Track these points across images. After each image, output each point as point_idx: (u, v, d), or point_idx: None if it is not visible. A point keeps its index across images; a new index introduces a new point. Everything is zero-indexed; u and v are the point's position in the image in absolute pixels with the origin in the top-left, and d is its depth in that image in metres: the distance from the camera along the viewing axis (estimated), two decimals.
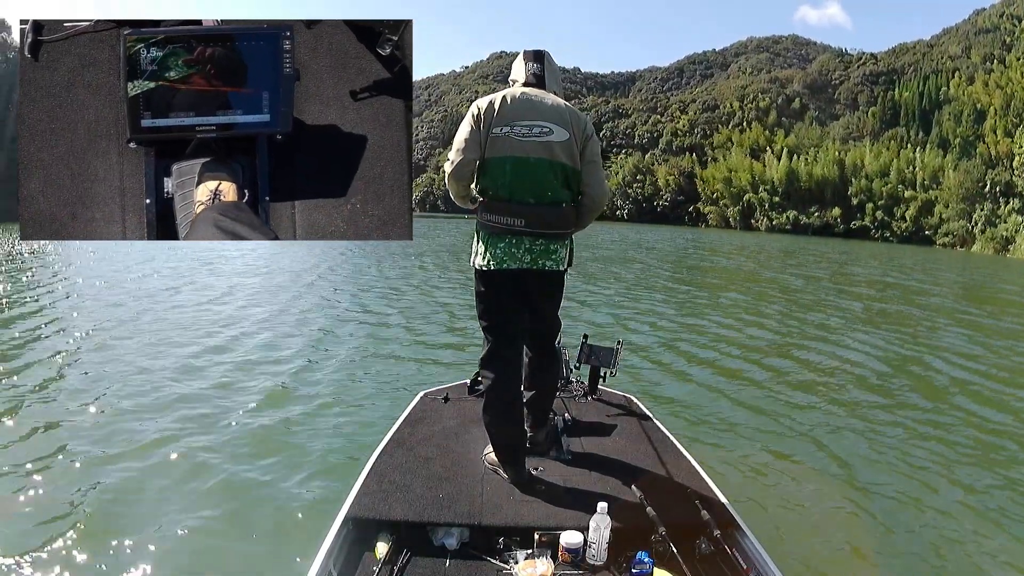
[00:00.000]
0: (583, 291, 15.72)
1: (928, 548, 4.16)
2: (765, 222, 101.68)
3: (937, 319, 14.25)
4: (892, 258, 42.01)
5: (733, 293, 17.79)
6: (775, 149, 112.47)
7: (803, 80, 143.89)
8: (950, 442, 6.07)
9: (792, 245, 53.49)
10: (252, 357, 7.96)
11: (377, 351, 8.67)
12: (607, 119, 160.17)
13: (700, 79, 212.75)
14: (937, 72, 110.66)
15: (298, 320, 10.75)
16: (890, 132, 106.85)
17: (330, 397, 6.51)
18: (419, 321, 11.15)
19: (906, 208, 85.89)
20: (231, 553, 3.69)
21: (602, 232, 55.87)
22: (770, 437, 5.99)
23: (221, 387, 6.65)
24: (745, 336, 11.11)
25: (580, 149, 3.20)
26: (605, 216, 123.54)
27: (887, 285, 22.71)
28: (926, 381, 8.56)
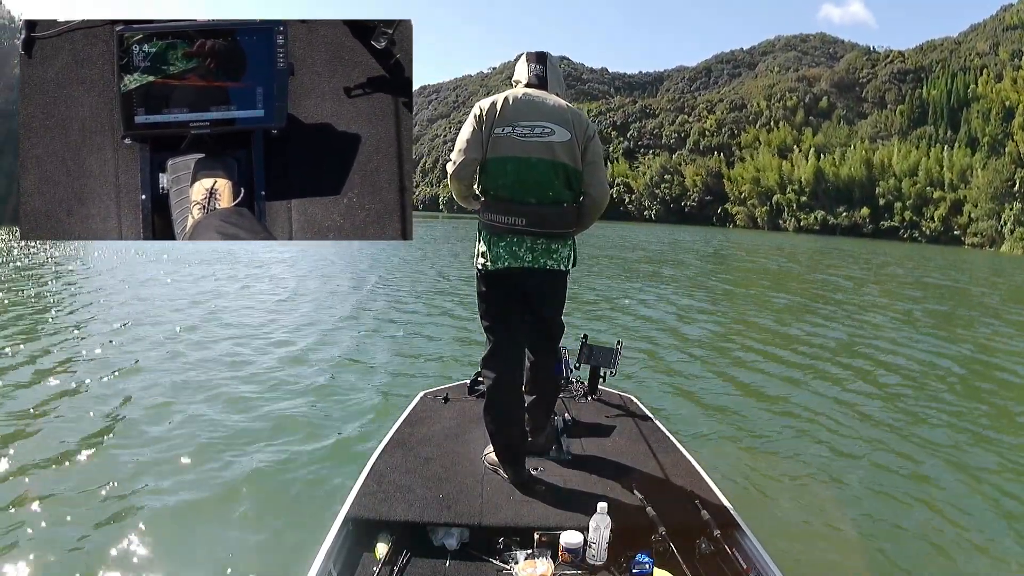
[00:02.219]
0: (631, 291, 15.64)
1: (928, 548, 4.13)
2: (793, 222, 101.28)
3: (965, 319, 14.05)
4: (928, 258, 41.74)
5: (782, 295, 17.68)
6: (803, 148, 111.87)
7: (830, 79, 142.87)
8: (951, 442, 6.01)
9: (827, 245, 53.30)
10: (250, 358, 7.97)
11: (377, 351, 8.67)
12: (634, 119, 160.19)
13: (728, 78, 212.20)
14: (965, 69, 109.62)
15: (298, 320, 10.76)
16: (918, 131, 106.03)
17: (330, 397, 6.51)
18: (419, 321, 11.16)
19: (935, 208, 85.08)
20: (231, 553, 3.68)
21: (635, 233, 55.79)
22: (770, 437, 5.95)
23: (220, 388, 6.65)
24: (757, 336, 11.02)
25: (582, 150, 3.19)
26: (632, 216, 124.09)
27: (938, 286, 22.43)
28: (936, 381, 8.44)
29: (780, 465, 5.29)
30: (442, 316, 11.72)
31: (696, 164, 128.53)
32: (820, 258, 36.51)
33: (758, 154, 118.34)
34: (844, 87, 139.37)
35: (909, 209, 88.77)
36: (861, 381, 8.16)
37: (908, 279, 25.29)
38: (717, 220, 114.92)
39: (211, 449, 5.06)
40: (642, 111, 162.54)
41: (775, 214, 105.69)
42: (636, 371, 7.82)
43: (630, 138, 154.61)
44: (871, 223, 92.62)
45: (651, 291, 16.58)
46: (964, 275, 29.39)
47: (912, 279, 25.34)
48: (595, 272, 20.84)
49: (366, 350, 8.72)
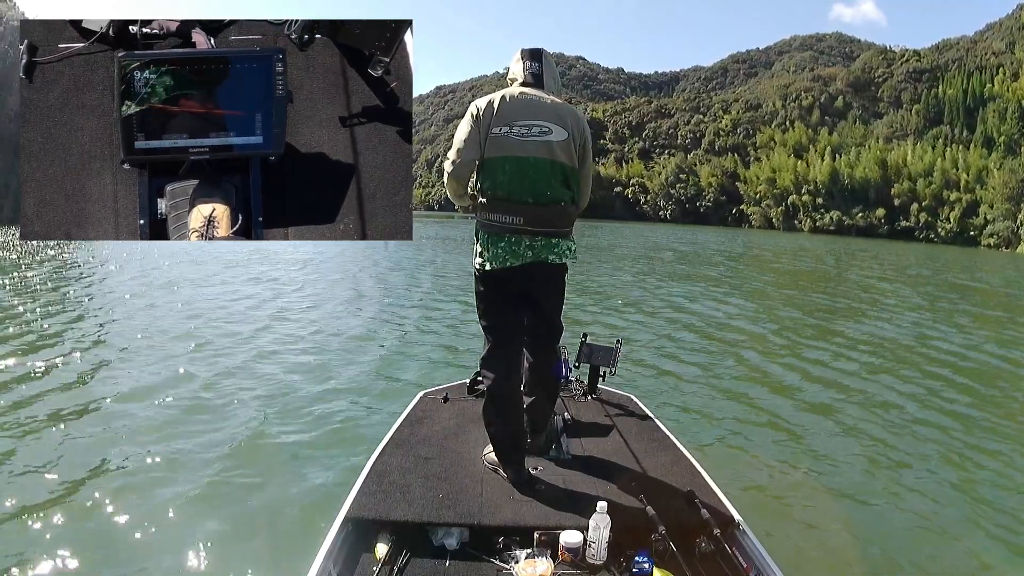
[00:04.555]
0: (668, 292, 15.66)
1: (929, 547, 4.12)
2: (808, 223, 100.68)
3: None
4: (954, 260, 41.49)
5: (821, 295, 17.56)
6: (818, 148, 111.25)
7: (846, 78, 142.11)
8: (953, 442, 5.99)
9: (850, 246, 53.15)
10: (250, 359, 7.97)
11: (376, 351, 8.68)
12: (650, 119, 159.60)
13: (744, 78, 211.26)
14: (981, 68, 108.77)
15: (297, 321, 10.77)
16: (934, 130, 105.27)
17: (329, 397, 6.51)
18: (419, 321, 11.17)
19: (950, 209, 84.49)
20: (231, 554, 3.70)
21: (656, 234, 55.69)
22: (770, 437, 5.94)
23: (219, 389, 6.66)
24: (757, 335, 10.99)
25: (579, 149, 3.20)
26: (647, 217, 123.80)
27: (965, 287, 22.24)
28: (943, 379, 8.43)
29: (780, 464, 5.29)
30: (442, 316, 11.76)
31: (711, 164, 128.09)
32: (848, 259, 36.39)
33: (773, 154, 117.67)
34: (860, 86, 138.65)
35: (925, 211, 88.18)
36: (861, 381, 8.15)
37: (937, 280, 25.27)
38: (732, 220, 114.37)
39: (211, 449, 5.08)
40: (657, 111, 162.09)
41: (790, 215, 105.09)
42: (673, 370, 7.79)
43: (645, 138, 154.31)
44: (886, 224, 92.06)
45: (694, 292, 16.56)
46: (994, 277, 29.21)
47: (942, 280, 25.27)
48: (644, 272, 20.82)
49: (366, 350, 8.73)
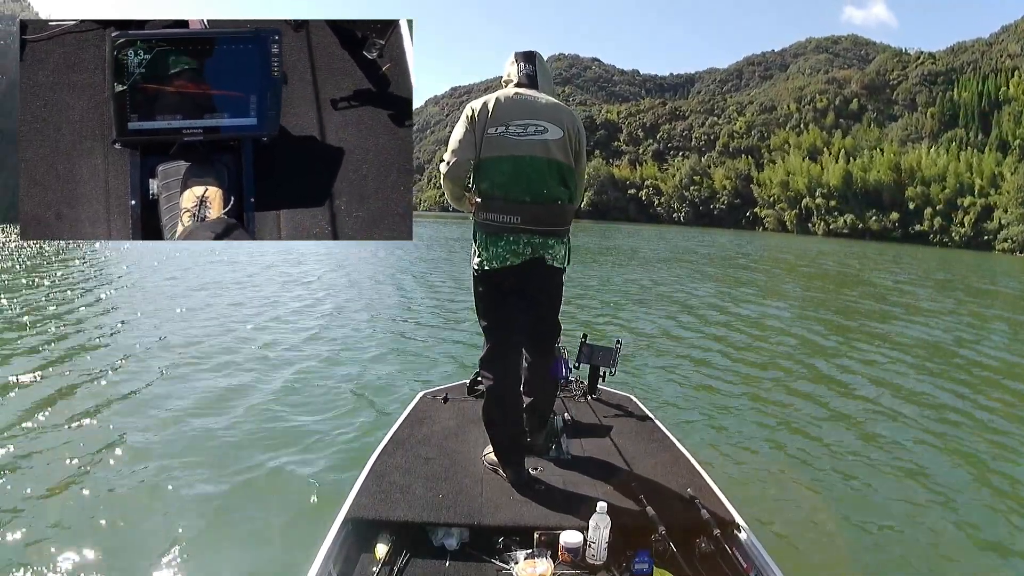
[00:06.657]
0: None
1: (929, 547, 4.10)
2: (822, 226, 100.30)
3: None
4: (975, 264, 41.28)
5: (844, 296, 17.47)
6: (833, 151, 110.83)
7: (861, 81, 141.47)
8: (953, 442, 5.97)
9: (867, 250, 53.05)
10: (249, 359, 7.96)
11: (376, 351, 8.66)
12: (664, 121, 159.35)
13: (759, 80, 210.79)
14: (996, 71, 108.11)
15: (296, 321, 10.75)
16: (949, 133, 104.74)
17: (329, 397, 6.49)
18: (418, 321, 11.17)
19: (964, 213, 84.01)
20: (231, 554, 3.69)
21: (673, 236, 55.70)
22: (771, 437, 5.91)
23: (219, 389, 6.65)
24: (762, 338, 10.87)
25: (574, 147, 3.21)
26: (661, 219, 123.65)
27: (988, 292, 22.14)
28: (950, 378, 8.38)
29: (780, 464, 5.27)
30: (443, 315, 11.75)
31: (725, 167, 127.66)
32: (867, 262, 36.21)
33: (788, 157, 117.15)
34: (874, 89, 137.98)
35: (939, 215, 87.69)
36: (862, 380, 8.13)
37: (963, 285, 25.10)
38: (746, 223, 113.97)
39: (210, 450, 5.07)
40: (671, 113, 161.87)
41: (804, 218, 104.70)
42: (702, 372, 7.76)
43: (659, 140, 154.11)
44: (900, 228, 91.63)
45: (723, 293, 16.50)
46: (1012, 281, 29.01)
47: (968, 285, 25.08)
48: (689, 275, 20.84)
49: (366, 350, 8.71)
